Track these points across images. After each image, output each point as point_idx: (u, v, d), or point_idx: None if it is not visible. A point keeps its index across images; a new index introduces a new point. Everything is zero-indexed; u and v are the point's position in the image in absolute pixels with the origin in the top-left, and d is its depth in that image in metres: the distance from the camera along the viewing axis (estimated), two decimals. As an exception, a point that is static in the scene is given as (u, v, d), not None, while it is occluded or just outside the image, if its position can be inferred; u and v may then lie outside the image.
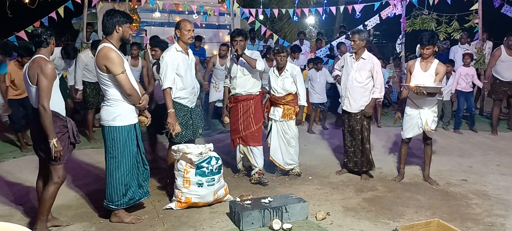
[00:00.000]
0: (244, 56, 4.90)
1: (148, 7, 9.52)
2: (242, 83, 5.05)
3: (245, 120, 5.06)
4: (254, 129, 5.05)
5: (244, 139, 5.08)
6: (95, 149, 6.48)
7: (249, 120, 5.05)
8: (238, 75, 5.05)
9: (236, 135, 5.14)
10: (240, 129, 5.07)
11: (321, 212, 4.08)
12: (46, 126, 3.36)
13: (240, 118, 5.07)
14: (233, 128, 5.18)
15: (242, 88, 5.05)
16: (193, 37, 4.50)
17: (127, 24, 3.77)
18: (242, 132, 5.06)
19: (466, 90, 8.00)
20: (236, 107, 5.11)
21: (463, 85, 7.97)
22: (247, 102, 5.07)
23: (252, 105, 5.07)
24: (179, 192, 4.18)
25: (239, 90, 5.06)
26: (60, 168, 3.54)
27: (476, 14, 9.19)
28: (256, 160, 5.05)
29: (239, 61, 5.00)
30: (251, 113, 5.06)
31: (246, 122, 5.05)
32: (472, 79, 8.02)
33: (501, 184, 5.15)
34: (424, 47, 4.81)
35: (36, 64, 3.41)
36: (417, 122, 4.99)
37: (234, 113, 5.13)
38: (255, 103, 5.10)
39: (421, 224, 3.62)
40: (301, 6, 12.25)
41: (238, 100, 5.09)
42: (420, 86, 4.72)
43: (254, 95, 5.10)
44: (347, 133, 5.31)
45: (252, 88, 5.09)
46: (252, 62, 4.90)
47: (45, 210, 3.58)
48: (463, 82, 7.96)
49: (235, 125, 5.13)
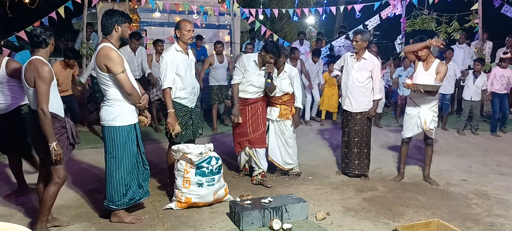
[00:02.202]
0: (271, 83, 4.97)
1: (148, 7, 9.51)
2: (255, 90, 5.02)
3: (253, 122, 5.02)
4: (262, 130, 5.03)
5: (252, 141, 5.02)
6: (95, 149, 6.48)
7: (257, 122, 5.03)
8: (254, 83, 4.99)
9: (243, 137, 5.04)
10: (249, 131, 5.00)
11: (321, 212, 4.08)
12: (46, 129, 3.35)
13: (248, 121, 5.01)
14: (239, 131, 5.06)
15: (254, 94, 5.02)
16: (193, 37, 4.50)
17: (126, 24, 3.77)
18: (251, 134, 5.00)
19: (501, 92, 7.94)
20: (245, 110, 5.04)
21: (497, 87, 7.90)
22: (255, 105, 5.04)
23: (260, 107, 5.07)
24: (179, 192, 4.18)
25: (250, 95, 5.02)
26: (60, 168, 3.53)
27: (476, 14, 9.18)
28: (261, 161, 5.02)
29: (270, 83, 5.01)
30: (260, 114, 5.04)
31: (255, 123, 5.02)
32: (507, 80, 7.91)
33: (501, 184, 5.15)
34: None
35: (33, 66, 3.38)
36: (416, 121, 5.00)
37: (242, 116, 5.03)
38: (262, 105, 5.09)
39: (421, 224, 3.62)
40: (301, 6, 12.24)
41: (248, 103, 5.04)
42: (417, 84, 4.75)
43: (261, 98, 5.10)
44: (345, 133, 5.31)
45: (261, 93, 5.09)
46: (272, 88, 5.03)
47: (45, 210, 3.57)
48: (498, 84, 7.89)
49: (242, 128, 5.03)
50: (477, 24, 9.23)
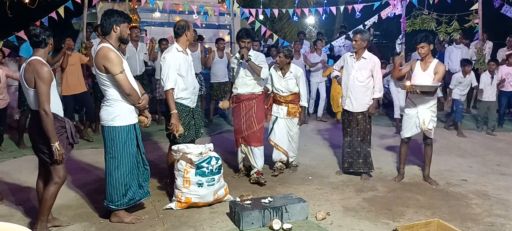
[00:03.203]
0: (250, 63, 4.90)
1: (148, 7, 9.51)
2: (245, 83, 5.05)
3: (247, 119, 5.06)
4: (256, 129, 5.05)
5: (246, 138, 5.08)
6: (95, 149, 6.48)
7: (251, 120, 5.06)
8: (240, 75, 5.06)
9: (239, 134, 5.14)
10: (243, 128, 5.07)
11: (321, 212, 4.08)
12: (48, 129, 3.35)
13: (242, 118, 5.07)
14: (236, 128, 5.19)
15: (245, 89, 5.06)
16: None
17: (125, 24, 3.76)
18: (245, 132, 5.07)
19: (508, 90, 7.99)
20: (239, 107, 5.11)
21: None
22: (249, 102, 5.07)
23: (254, 105, 5.08)
24: (179, 192, 4.17)
25: (241, 90, 5.07)
26: (60, 168, 3.53)
27: (476, 14, 9.18)
28: (256, 160, 5.05)
29: (243, 64, 4.98)
30: (253, 113, 5.07)
31: (248, 121, 5.06)
32: None
33: (501, 184, 5.15)
34: (418, 45, 4.87)
35: (32, 67, 3.38)
36: (415, 121, 5.00)
37: (237, 113, 5.14)
38: (257, 102, 5.11)
39: (421, 224, 3.62)
40: (301, 6, 12.23)
41: (240, 100, 5.09)
42: (414, 85, 4.76)
43: (256, 95, 5.10)
44: (346, 133, 5.31)
45: (255, 88, 5.09)
46: (257, 70, 4.92)
47: (45, 210, 3.57)
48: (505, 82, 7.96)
49: (238, 125, 5.13)
50: (477, 24, 9.22)
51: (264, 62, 5.05)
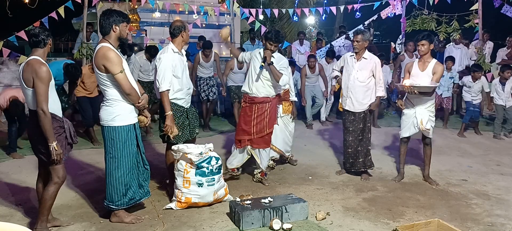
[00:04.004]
0: (271, 67, 4.76)
1: (148, 7, 9.52)
2: (262, 86, 4.90)
3: (258, 122, 4.92)
4: (267, 133, 4.95)
5: (254, 141, 4.97)
6: (95, 149, 6.48)
7: (263, 124, 4.92)
8: (259, 76, 4.87)
9: (245, 136, 4.97)
10: (252, 131, 4.93)
11: (321, 212, 4.08)
12: (46, 129, 3.34)
13: (253, 120, 4.92)
14: (242, 128, 4.99)
15: (261, 91, 4.90)
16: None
17: (124, 23, 3.75)
18: (254, 135, 4.93)
19: None
20: (251, 108, 4.94)
21: None
22: (262, 105, 4.91)
23: (268, 109, 4.93)
24: (179, 192, 4.17)
25: (257, 92, 4.91)
26: (59, 168, 3.53)
27: (476, 14, 9.19)
28: (262, 161, 5.01)
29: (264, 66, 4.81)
30: (266, 116, 4.93)
31: (260, 124, 4.92)
32: None
33: (501, 184, 5.15)
34: (419, 42, 4.88)
35: (30, 67, 3.37)
36: (413, 121, 5.01)
37: (247, 113, 4.96)
38: (271, 106, 4.95)
39: (421, 224, 3.62)
40: (301, 6, 12.25)
41: (254, 102, 4.92)
42: (412, 85, 4.76)
43: (271, 98, 4.94)
44: (348, 133, 5.31)
45: (271, 92, 4.95)
46: (277, 76, 4.77)
47: (45, 210, 3.57)
48: None
49: (246, 126, 4.95)
50: (477, 24, 9.23)
51: (286, 69, 4.89)
